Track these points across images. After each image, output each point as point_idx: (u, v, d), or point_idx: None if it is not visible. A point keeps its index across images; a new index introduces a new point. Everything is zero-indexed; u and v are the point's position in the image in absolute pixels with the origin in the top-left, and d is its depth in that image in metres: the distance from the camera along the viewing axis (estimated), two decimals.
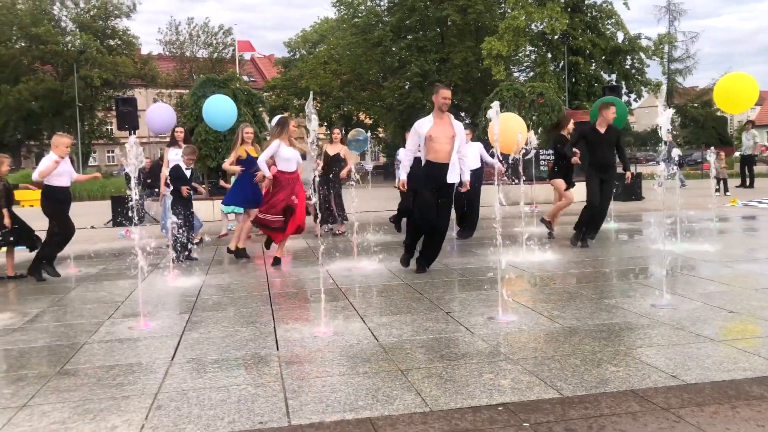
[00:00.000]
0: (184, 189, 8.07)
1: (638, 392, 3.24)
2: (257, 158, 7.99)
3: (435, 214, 6.65)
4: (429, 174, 6.62)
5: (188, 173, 8.28)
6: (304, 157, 8.17)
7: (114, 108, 19.78)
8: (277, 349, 4.25)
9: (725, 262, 6.85)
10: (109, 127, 45.58)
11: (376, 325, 4.72)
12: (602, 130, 8.18)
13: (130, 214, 5.55)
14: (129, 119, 15.64)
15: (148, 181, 15.19)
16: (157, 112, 13.39)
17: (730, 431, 2.77)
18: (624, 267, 6.82)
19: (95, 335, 4.80)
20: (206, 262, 8.28)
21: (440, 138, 6.54)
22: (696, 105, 48.52)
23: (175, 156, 9.18)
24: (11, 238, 7.32)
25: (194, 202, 8.76)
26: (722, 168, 16.75)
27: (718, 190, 16.40)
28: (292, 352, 4.15)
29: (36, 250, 7.48)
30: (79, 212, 7.78)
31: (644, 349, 3.93)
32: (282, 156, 7.60)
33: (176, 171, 8.22)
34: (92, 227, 13.37)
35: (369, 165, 11.73)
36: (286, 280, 6.88)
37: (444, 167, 6.56)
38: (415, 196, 6.94)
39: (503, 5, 35.88)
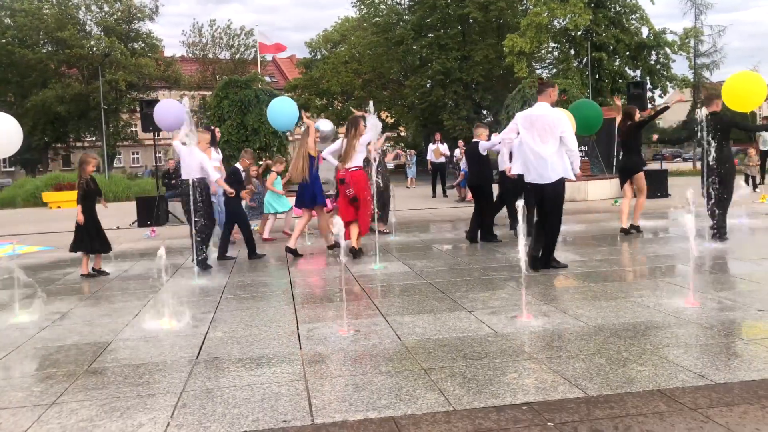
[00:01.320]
0: (244, 193, 8.59)
1: (665, 392, 3.20)
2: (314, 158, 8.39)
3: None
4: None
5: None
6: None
7: (138, 110, 20.06)
8: (300, 348, 4.27)
9: (755, 260, 6.73)
10: (133, 129, 46.17)
11: (398, 324, 4.72)
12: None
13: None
14: (153, 121, 15.79)
15: (173, 182, 15.35)
16: (165, 108, 13.49)
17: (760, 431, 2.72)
18: (650, 265, 6.73)
19: (121, 334, 4.86)
20: (229, 261, 8.33)
21: None
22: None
23: (217, 155, 9.62)
24: (80, 248, 7.56)
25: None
26: (752, 165, 16.44)
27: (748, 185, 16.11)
28: (315, 351, 4.17)
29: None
30: (104, 213, 7.88)
31: (671, 348, 3.87)
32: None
33: (236, 174, 8.58)
34: (118, 228, 13.54)
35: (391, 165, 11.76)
36: (309, 280, 6.90)
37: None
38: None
39: (525, 2, 35.60)
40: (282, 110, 11.54)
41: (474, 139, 9.25)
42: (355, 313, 5.09)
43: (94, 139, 46.60)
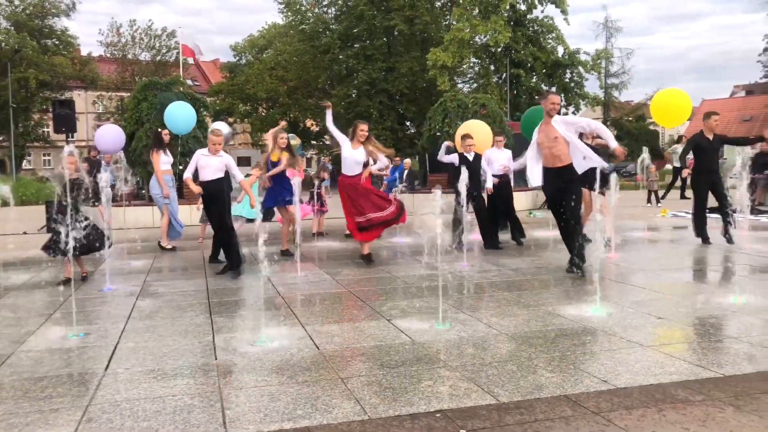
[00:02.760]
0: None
1: (571, 397, 3.34)
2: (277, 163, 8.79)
3: (559, 215, 6.99)
4: (545, 179, 7.01)
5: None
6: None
7: (51, 110, 19.11)
8: (216, 358, 4.18)
9: (655, 271, 7.12)
10: (45, 130, 43.95)
11: (317, 333, 4.71)
12: (710, 137, 8.87)
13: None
14: (66, 122, 15.13)
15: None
16: (108, 133, 13.41)
17: None
18: (561, 275, 6.99)
19: (24, 345, 4.61)
20: (144, 269, 8.07)
21: (544, 142, 6.90)
22: (631, 119, 50.37)
23: (166, 159, 9.75)
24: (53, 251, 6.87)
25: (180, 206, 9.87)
26: (652, 180, 17.42)
27: (649, 201, 17.03)
28: (231, 362, 4.10)
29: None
30: (12, 217, 7.46)
31: (578, 355, 4.05)
32: (342, 156, 8.08)
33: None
34: (25, 233, 12.84)
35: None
36: (227, 289, 6.77)
37: (551, 171, 6.87)
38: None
39: (449, 17, 36.44)
40: (180, 114, 11.57)
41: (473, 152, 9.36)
42: (274, 323, 5.03)
43: (1, 138, 44.03)
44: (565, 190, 6.79)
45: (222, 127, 15.02)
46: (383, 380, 3.66)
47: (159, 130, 10.16)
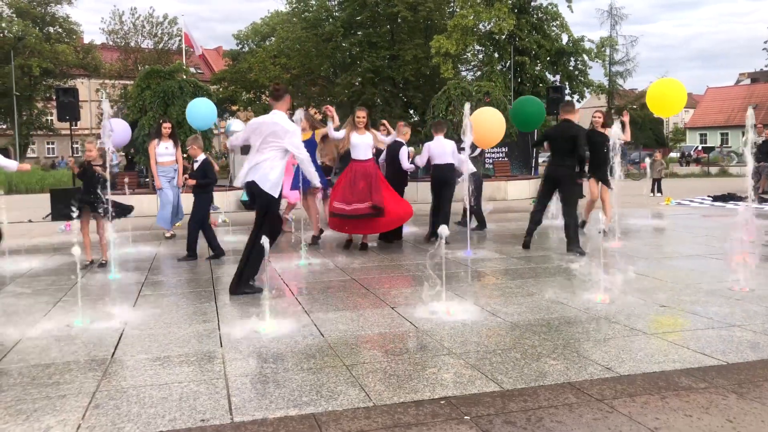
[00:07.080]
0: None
1: (575, 384, 3.36)
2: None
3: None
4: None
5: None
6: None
7: (54, 98, 19.08)
8: (221, 345, 4.21)
9: (659, 259, 7.12)
10: (49, 118, 43.95)
11: (321, 321, 4.73)
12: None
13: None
14: (70, 110, 15.13)
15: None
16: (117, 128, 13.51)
17: (659, 420, 2.90)
18: (564, 263, 7.00)
19: (31, 333, 4.64)
20: (149, 257, 8.10)
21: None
22: (635, 107, 50.14)
23: (164, 150, 9.64)
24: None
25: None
26: (658, 169, 17.36)
27: (653, 190, 16.97)
28: (237, 349, 4.12)
29: None
30: (16, 206, 7.48)
31: (582, 343, 4.06)
32: (351, 143, 8.13)
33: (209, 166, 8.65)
34: (30, 221, 12.89)
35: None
36: (231, 277, 6.78)
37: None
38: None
39: (452, 4, 36.19)
40: (200, 111, 11.71)
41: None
42: (278, 310, 5.06)
43: (5, 127, 44.06)
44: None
45: (238, 125, 15.04)
46: (388, 367, 3.68)
47: (161, 122, 10.14)
